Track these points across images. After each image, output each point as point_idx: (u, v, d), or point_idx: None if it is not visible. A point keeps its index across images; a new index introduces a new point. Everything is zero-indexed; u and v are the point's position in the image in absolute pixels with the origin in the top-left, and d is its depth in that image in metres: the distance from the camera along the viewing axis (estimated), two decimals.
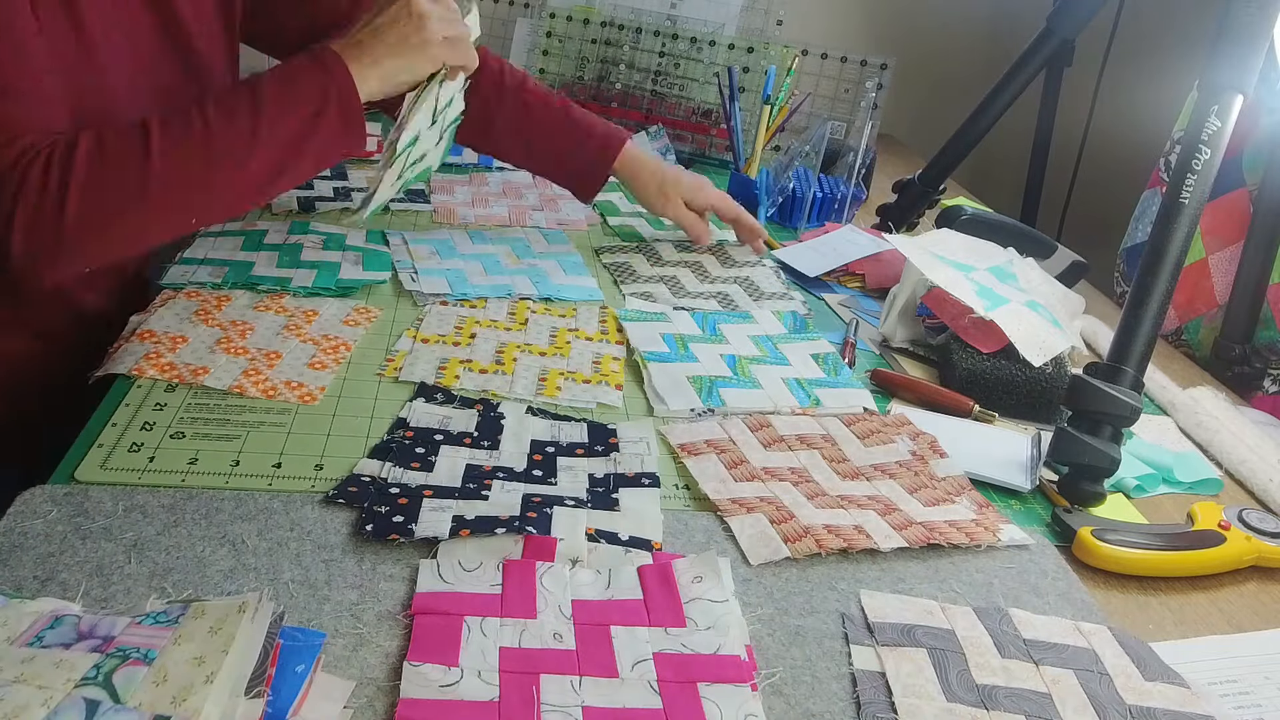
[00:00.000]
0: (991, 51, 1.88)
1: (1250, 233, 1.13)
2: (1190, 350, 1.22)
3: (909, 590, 0.68)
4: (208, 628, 0.51)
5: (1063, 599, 0.69)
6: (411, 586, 0.63)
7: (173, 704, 0.47)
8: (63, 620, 0.53)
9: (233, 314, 0.93)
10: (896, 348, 1.04)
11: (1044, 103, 1.60)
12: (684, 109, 1.62)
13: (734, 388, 0.90)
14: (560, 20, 1.64)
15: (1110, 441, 0.79)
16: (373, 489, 0.71)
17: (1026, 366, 0.93)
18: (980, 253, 1.07)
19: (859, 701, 0.58)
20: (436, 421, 0.80)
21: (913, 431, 0.86)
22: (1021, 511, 0.80)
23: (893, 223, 1.36)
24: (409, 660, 0.56)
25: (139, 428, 0.76)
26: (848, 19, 1.89)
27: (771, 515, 0.73)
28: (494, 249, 1.15)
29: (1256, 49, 0.85)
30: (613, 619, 0.61)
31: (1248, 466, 0.89)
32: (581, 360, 0.93)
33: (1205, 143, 0.83)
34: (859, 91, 1.62)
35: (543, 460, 0.77)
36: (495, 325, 0.97)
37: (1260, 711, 0.62)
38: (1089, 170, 1.81)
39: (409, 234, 1.17)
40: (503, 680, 0.56)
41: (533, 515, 0.69)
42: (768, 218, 1.39)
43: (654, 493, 0.74)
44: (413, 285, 1.04)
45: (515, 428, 0.81)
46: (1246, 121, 1.13)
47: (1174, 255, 0.82)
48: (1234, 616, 0.71)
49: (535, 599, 0.62)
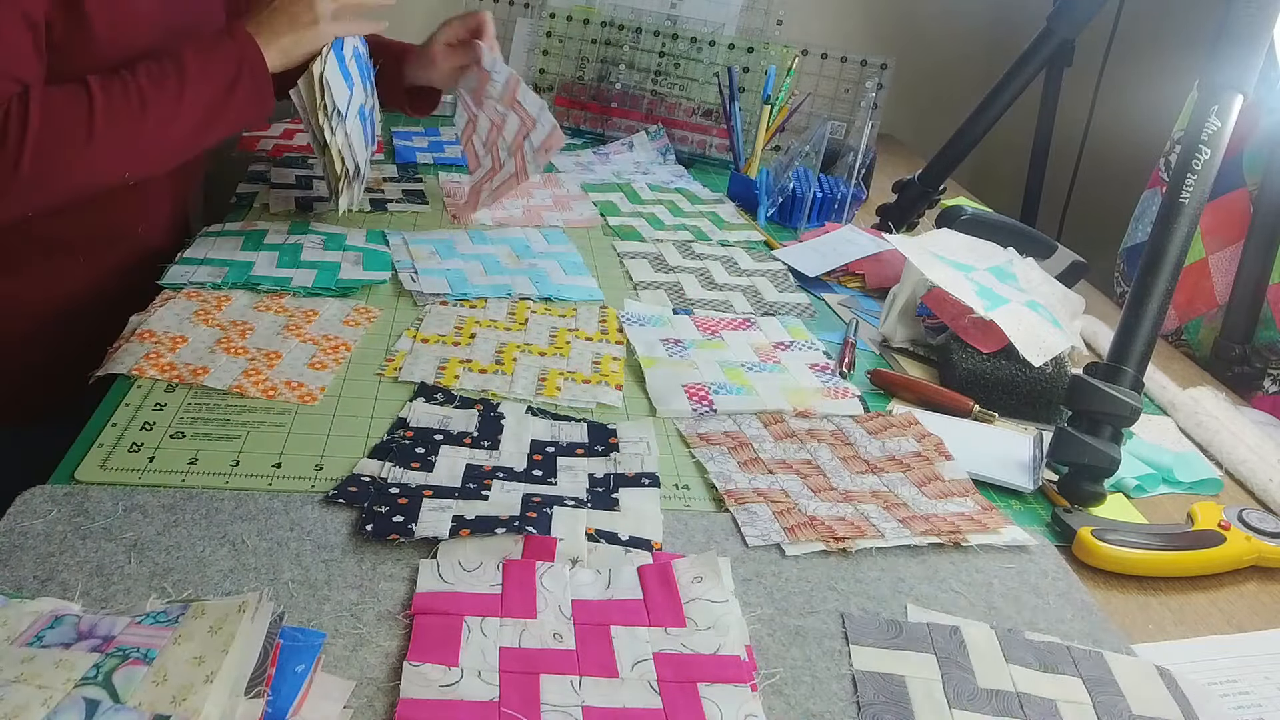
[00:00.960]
0: (991, 51, 1.88)
1: (1250, 233, 1.13)
2: (1190, 350, 1.22)
3: (909, 591, 0.68)
4: (207, 627, 0.51)
5: (1063, 599, 0.69)
6: (411, 586, 0.63)
7: (172, 703, 0.47)
8: (63, 620, 0.53)
9: (233, 314, 0.93)
10: (896, 348, 1.04)
11: (1044, 103, 1.60)
12: (684, 109, 1.62)
13: (729, 395, 0.90)
14: (560, 20, 1.65)
15: (1110, 441, 0.79)
16: (373, 489, 0.71)
17: (1026, 366, 0.93)
18: (980, 253, 1.07)
19: (859, 702, 0.58)
20: (436, 421, 0.80)
21: (919, 433, 0.86)
22: (1022, 511, 0.80)
23: (893, 223, 1.36)
24: (409, 660, 0.56)
25: (139, 428, 0.76)
26: (848, 19, 1.89)
27: (778, 506, 0.74)
28: (494, 249, 1.15)
29: (1256, 49, 0.85)
30: (613, 619, 0.61)
31: (1248, 466, 0.89)
32: (581, 360, 0.93)
33: (1205, 143, 0.83)
34: (859, 91, 1.62)
35: (543, 460, 0.77)
36: (495, 325, 0.97)
37: (1260, 711, 0.62)
38: (1089, 170, 1.81)
39: (409, 234, 1.17)
40: (503, 680, 0.56)
41: (533, 515, 0.69)
42: (768, 218, 1.39)
43: (654, 492, 0.74)
44: (413, 285, 1.04)
45: (515, 428, 0.81)
46: (1246, 121, 1.13)
47: (1174, 255, 0.82)
48: (1234, 616, 0.71)
49: (535, 599, 0.62)
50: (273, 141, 1.46)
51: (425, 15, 1.82)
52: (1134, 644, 0.66)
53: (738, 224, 1.34)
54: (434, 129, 1.60)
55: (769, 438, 0.83)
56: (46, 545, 0.63)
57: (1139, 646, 0.66)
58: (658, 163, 1.57)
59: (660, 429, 0.84)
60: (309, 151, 1.40)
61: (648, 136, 1.56)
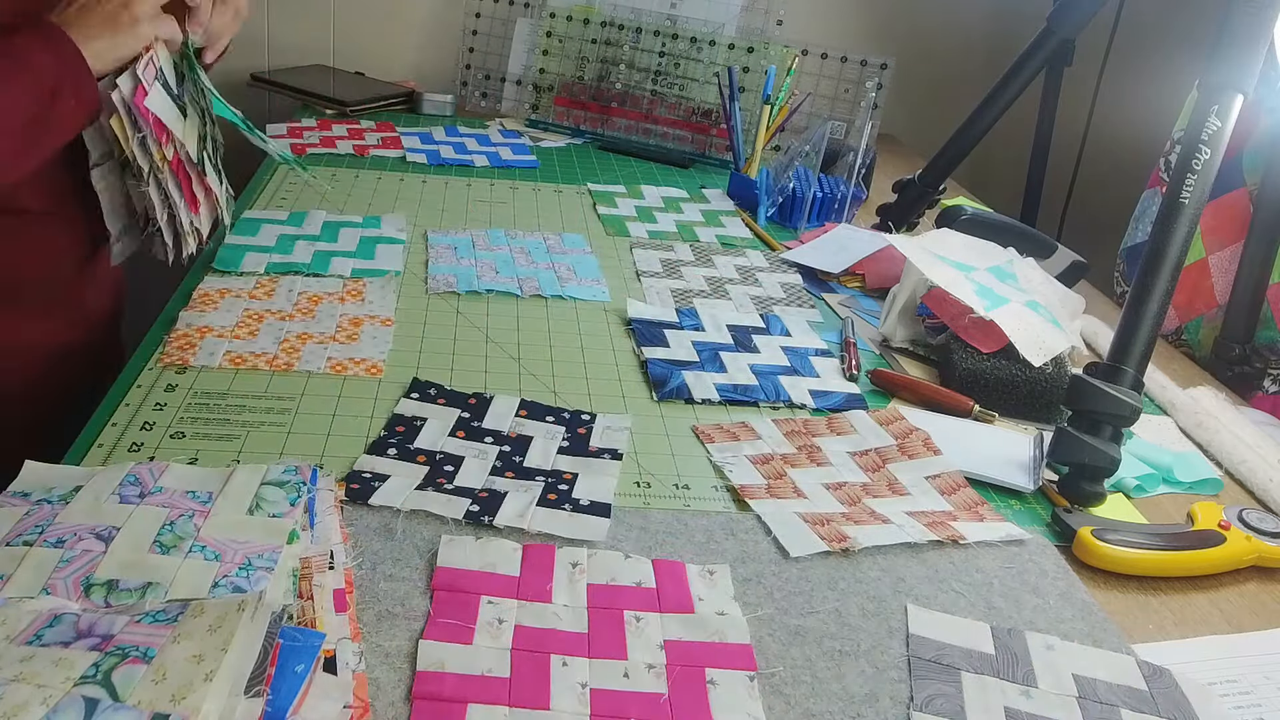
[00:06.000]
0: (991, 51, 1.88)
1: (1250, 233, 1.13)
2: (1190, 350, 1.22)
3: (909, 591, 0.68)
4: (207, 626, 0.51)
5: (1063, 599, 0.69)
6: (411, 587, 0.63)
7: (172, 702, 0.47)
8: (62, 619, 0.53)
9: (281, 299, 0.98)
10: (896, 348, 1.04)
11: (1044, 103, 1.60)
12: (684, 109, 1.62)
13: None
14: (560, 20, 1.64)
15: (1110, 441, 0.79)
16: (374, 485, 0.72)
17: (1026, 366, 0.93)
18: (980, 253, 1.07)
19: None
20: (429, 414, 0.82)
21: (905, 428, 0.86)
22: (1021, 511, 0.80)
23: (893, 223, 1.36)
24: (424, 638, 0.58)
25: (139, 427, 0.76)
26: (848, 19, 1.89)
27: (800, 508, 0.75)
28: (509, 250, 1.16)
29: (1256, 49, 0.85)
30: (625, 605, 0.63)
31: (1248, 466, 0.88)
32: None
33: (1205, 143, 0.83)
34: (859, 91, 1.62)
35: (518, 440, 0.79)
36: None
37: (1260, 711, 0.62)
38: (1089, 170, 1.81)
39: (432, 231, 1.19)
40: (515, 659, 0.57)
41: (484, 495, 0.72)
42: (768, 218, 1.39)
43: (614, 465, 0.77)
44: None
45: (505, 417, 0.82)
46: (1246, 121, 1.13)
47: (1174, 255, 0.82)
48: (1234, 616, 0.71)
49: (551, 584, 0.64)
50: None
51: (426, 15, 1.82)
52: (1134, 644, 0.66)
53: (734, 223, 1.34)
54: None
55: (780, 435, 0.84)
56: None
57: (1139, 646, 0.66)
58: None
59: (662, 427, 0.84)
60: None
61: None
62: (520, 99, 1.72)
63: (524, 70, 1.71)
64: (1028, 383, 0.93)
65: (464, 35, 1.76)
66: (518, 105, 1.73)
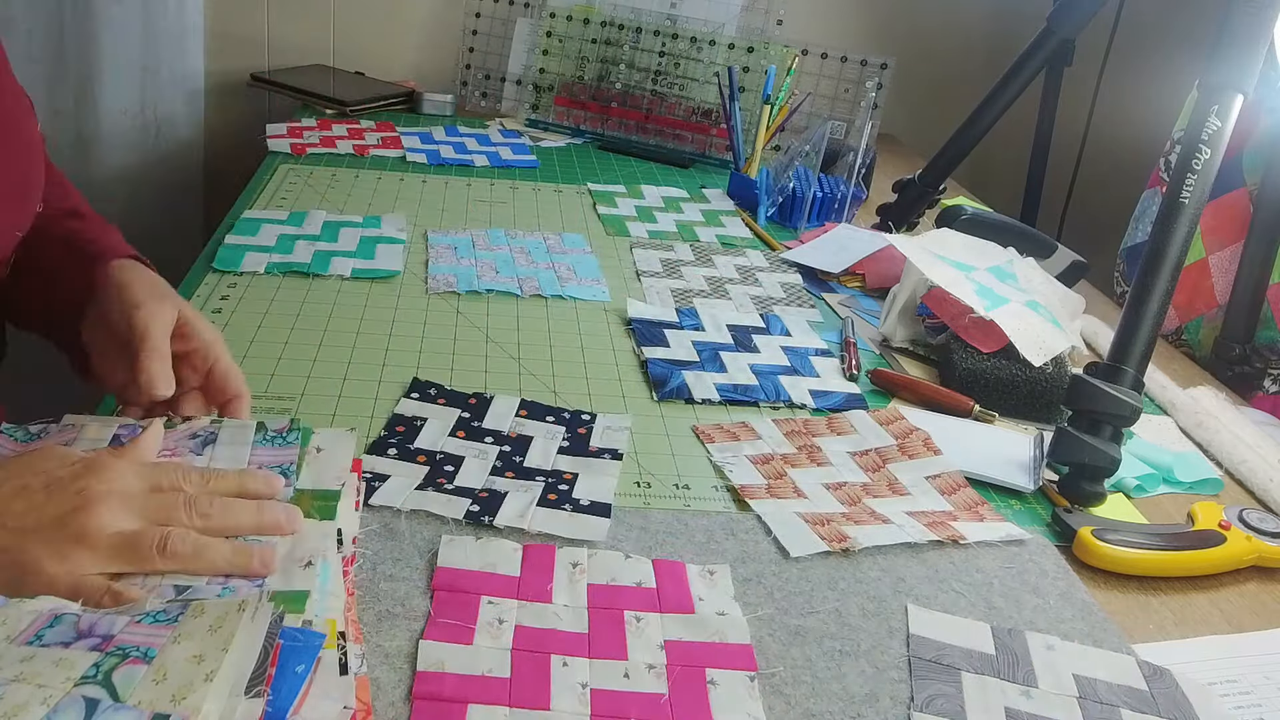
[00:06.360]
0: (991, 51, 1.88)
1: (1250, 233, 1.13)
2: (1190, 350, 1.22)
3: (909, 591, 0.68)
4: (207, 626, 0.51)
5: (1063, 599, 0.69)
6: (411, 587, 0.63)
7: (172, 702, 0.47)
8: (62, 619, 0.53)
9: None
10: (896, 348, 1.04)
11: (1044, 103, 1.60)
12: (684, 109, 1.62)
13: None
14: (560, 20, 1.65)
15: (1110, 441, 0.79)
16: (374, 485, 0.72)
17: (1026, 366, 0.93)
18: (980, 252, 1.07)
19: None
20: (429, 414, 0.81)
21: (906, 428, 0.86)
22: (1021, 511, 0.80)
23: (893, 223, 1.36)
24: (425, 638, 0.58)
25: None
26: (848, 19, 1.89)
27: (800, 508, 0.75)
28: (509, 250, 1.16)
29: (1256, 49, 0.85)
30: (626, 605, 0.63)
31: (1248, 466, 0.88)
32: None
33: (1205, 143, 0.83)
34: (859, 91, 1.62)
35: (518, 440, 0.79)
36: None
37: (1260, 711, 0.62)
38: (1089, 170, 1.81)
39: (432, 231, 1.18)
40: (516, 659, 0.57)
41: (484, 495, 0.71)
42: (768, 217, 1.39)
43: (614, 465, 0.77)
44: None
45: (505, 417, 0.82)
46: (1246, 121, 1.13)
47: (1174, 255, 0.82)
48: (1234, 616, 0.71)
49: (551, 584, 0.63)
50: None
51: (426, 15, 1.82)
52: (1134, 644, 0.66)
53: (734, 222, 1.34)
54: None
55: (781, 435, 0.84)
56: None
57: (1139, 646, 0.66)
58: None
59: (663, 427, 0.84)
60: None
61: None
62: (520, 99, 1.72)
63: (524, 70, 1.71)
64: (1028, 383, 0.93)
65: (464, 35, 1.76)
66: (518, 105, 1.73)
